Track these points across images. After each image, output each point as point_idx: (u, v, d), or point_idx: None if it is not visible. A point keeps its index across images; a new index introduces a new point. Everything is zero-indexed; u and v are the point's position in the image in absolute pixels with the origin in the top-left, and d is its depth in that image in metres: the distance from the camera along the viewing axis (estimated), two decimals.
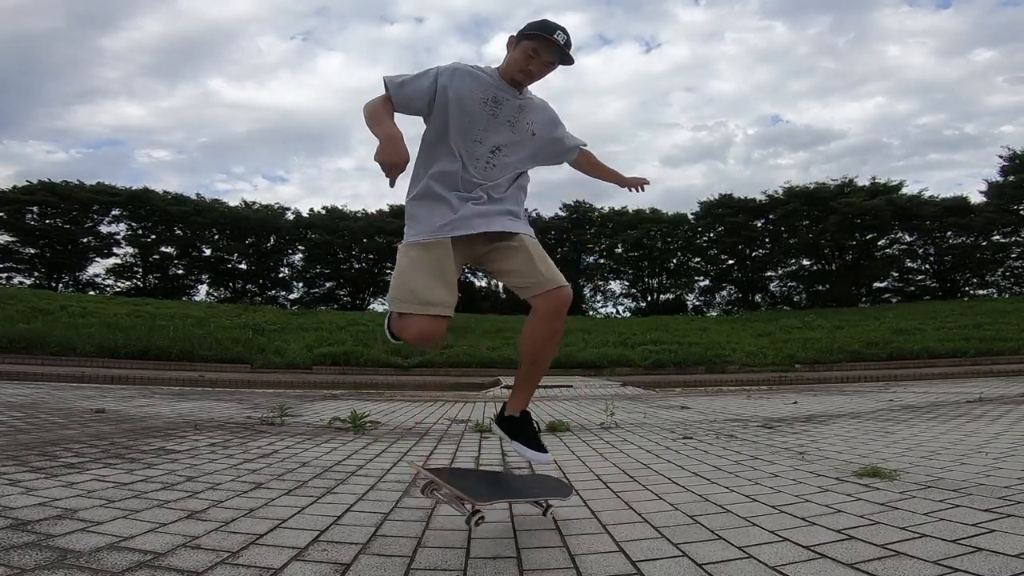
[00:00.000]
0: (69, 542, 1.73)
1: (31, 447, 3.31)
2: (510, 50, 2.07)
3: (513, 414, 1.94)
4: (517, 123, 2.08)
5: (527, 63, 2.00)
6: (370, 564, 1.68)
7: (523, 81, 2.06)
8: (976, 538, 1.78)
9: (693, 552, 1.77)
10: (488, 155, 2.04)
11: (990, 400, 6.35)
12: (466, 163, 2.02)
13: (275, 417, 4.93)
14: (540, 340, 1.95)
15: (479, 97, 2.03)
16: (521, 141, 2.11)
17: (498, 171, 2.06)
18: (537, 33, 1.98)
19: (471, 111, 2.01)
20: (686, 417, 5.58)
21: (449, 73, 2.03)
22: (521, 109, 2.09)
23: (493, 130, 2.04)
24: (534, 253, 2.01)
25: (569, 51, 2.01)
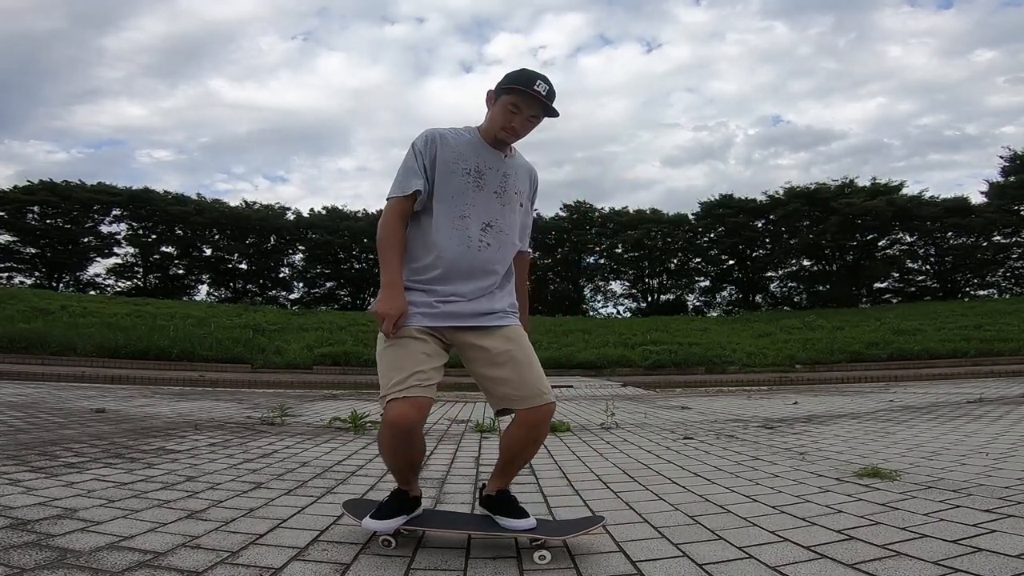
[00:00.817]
0: (69, 542, 1.73)
1: (31, 447, 3.31)
2: (490, 106, 1.87)
3: (491, 494, 1.90)
4: (504, 193, 1.89)
5: (509, 120, 1.82)
6: (370, 564, 1.68)
7: (507, 139, 1.87)
8: (976, 538, 1.78)
9: (693, 552, 1.77)
10: (480, 233, 1.84)
11: (990, 401, 6.35)
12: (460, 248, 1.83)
13: (275, 417, 4.93)
14: (521, 444, 1.84)
15: (460, 168, 1.85)
16: (511, 214, 1.91)
17: (493, 252, 1.86)
18: (514, 87, 1.79)
19: (456, 185, 1.84)
20: (686, 417, 5.57)
21: (426, 144, 1.85)
22: (507, 176, 1.90)
23: (482, 204, 1.86)
24: (521, 359, 1.82)
25: (552, 102, 1.82)
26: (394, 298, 1.78)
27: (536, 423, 1.82)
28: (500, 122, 1.84)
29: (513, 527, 1.81)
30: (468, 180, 1.85)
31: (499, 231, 1.88)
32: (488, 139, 1.89)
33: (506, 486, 1.91)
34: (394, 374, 1.74)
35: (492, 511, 1.88)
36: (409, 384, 1.72)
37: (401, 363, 1.75)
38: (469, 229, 1.84)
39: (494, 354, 1.82)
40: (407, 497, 1.87)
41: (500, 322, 1.86)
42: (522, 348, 1.85)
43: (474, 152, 1.88)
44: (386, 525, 1.80)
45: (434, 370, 1.79)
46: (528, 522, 1.81)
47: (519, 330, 1.91)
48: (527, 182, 2.00)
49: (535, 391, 1.81)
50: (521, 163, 1.99)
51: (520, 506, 1.86)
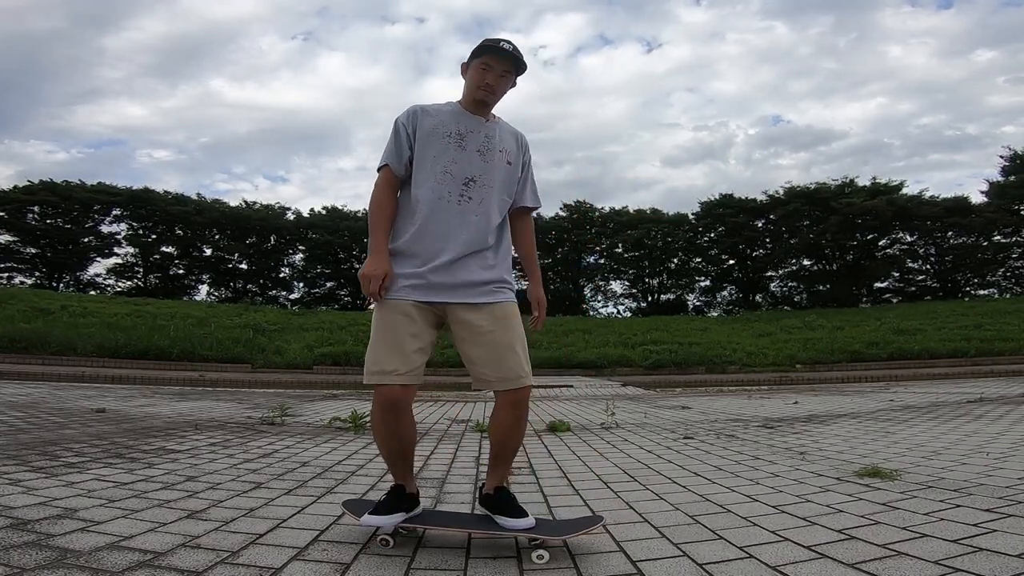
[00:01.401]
0: (69, 541, 1.73)
1: (31, 447, 3.31)
2: (464, 75, 1.99)
3: (489, 492, 1.93)
4: (488, 151, 1.95)
5: (483, 77, 1.92)
6: (370, 564, 1.68)
7: (486, 99, 1.95)
8: (977, 538, 1.78)
9: (694, 552, 1.77)
10: (461, 187, 1.91)
11: (991, 400, 6.35)
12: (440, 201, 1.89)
13: (275, 417, 4.93)
14: (506, 427, 1.90)
15: (441, 132, 1.93)
16: (495, 169, 1.96)
17: (475, 205, 1.91)
18: (483, 47, 1.92)
19: (437, 146, 1.92)
20: (687, 417, 5.57)
21: (408, 116, 1.96)
22: (489, 137, 1.97)
23: (464, 161, 1.92)
24: (502, 342, 1.86)
25: (520, 57, 1.92)
26: (379, 261, 1.86)
27: (514, 402, 1.88)
28: (476, 82, 1.93)
29: (512, 527, 1.82)
30: (449, 141, 1.93)
31: (482, 185, 1.94)
32: (468, 106, 1.98)
33: (502, 482, 1.93)
34: (382, 359, 1.81)
35: (491, 510, 1.88)
36: (396, 373, 1.79)
37: (390, 348, 1.82)
38: (450, 184, 1.91)
39: (478, 332, 1.87)
40: (404, 493, 1.88)
41: (490, 298, 1.90)
42: (505, 329, 1.89)
43: (455, 119, 1.96)
44: (385, 520, 1.81)
45: (420, 352, 1.85)
46: (527, 521, 1.82)
47: (509, 308, 1.94)
48: (513, 142, 2.05)
49: (512, 374, 1.86)
50: (505, 127, 2.05)
51: (519, 505, 1.87)
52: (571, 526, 1.86)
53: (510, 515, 1.83)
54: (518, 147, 2.05)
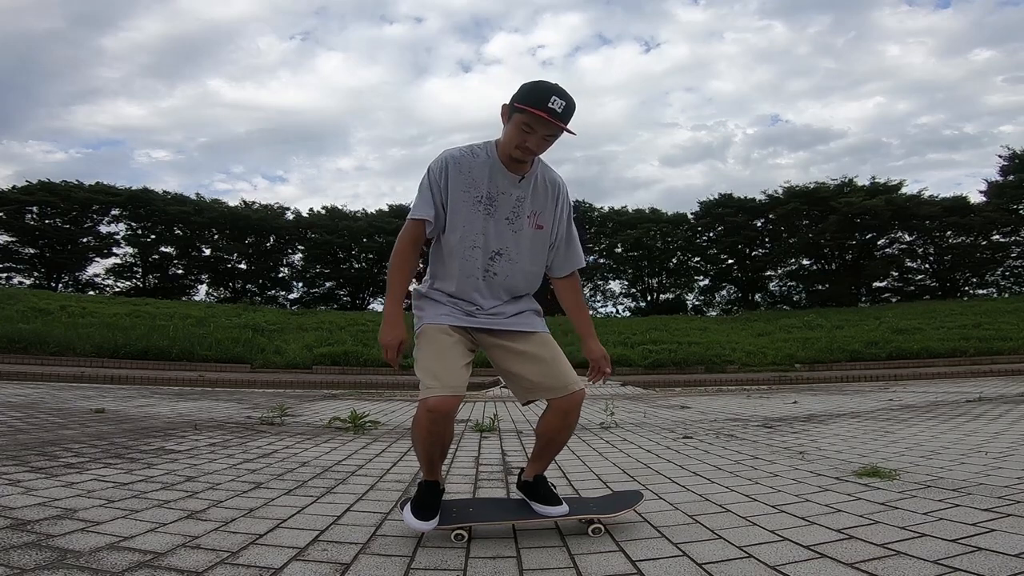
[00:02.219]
0: (69, 542, 1.73)
1: (31, 447, 3.31)
2: (504, 122, 1.80)
3: (528, 480, 2.03)
4: (518, 218, 1.87)
5: (523, 139, 1.74)
6: (370, 564, 1.68)
7: (522, 158, 1.80)
8: (976, 538, 1.78)
9: (693, 551, 1.77)
10: (487, 262, 1.88)
11: (989, 400, 6.35)
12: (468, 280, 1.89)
13: (275, 417, 4.93)
14: (556, 430, 1.95)
15: (472, 195, 1.84)
16: (524, 240, 1.90)
17: (500, 280, 1.90)
18: (525, 108, 1.70)
19: (464, 213, 1.84)
20: (686, 417, 5.58)
21: (441, 170, 1.84)
22: (520, 200, 1.87)
23: (492, 233, 1.86)
24: (547, 357, 1.90)
25: (570, 118, 1.73)
26: (393, 328, 1.88)
27: (568, 410, 1.92)
28: (515, 141, 1.77)
29: (547, 512, 1.95)
30: (479, 209, 1.85)
31: (508, 259, 1.91)
32: (504, 159, 1.84)
33: (543, 471, 2.03)
34: (439, 372, 1.81)
35: (529, 496, 2.01)
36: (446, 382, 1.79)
37: (435, 362, 1.84)
38: (478, 260, 1.88)
39: (521, 354, 1.92)
40: (437, 488, 1.91)
41: (527, 327, 1.95)
42: (547, 346, 1.95)
43: (487, 177, 1.85)
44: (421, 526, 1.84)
45: (465, 368, 1.88)
46: (561, 508, 1.95)
47: (546, 337, 1.98)
48: (545, 199, 1.92)
49: (563, 382, 1.90)
50: (541, 183, 1.92)
51: (555, 493, 1.98)
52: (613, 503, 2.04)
53: (547, 503, 1.96)
54: (554, 203, 1.94)
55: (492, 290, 1.93)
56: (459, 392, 1.82)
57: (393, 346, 1.88)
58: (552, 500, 1.96)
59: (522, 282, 1.97)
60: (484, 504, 2.28)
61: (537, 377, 1.90)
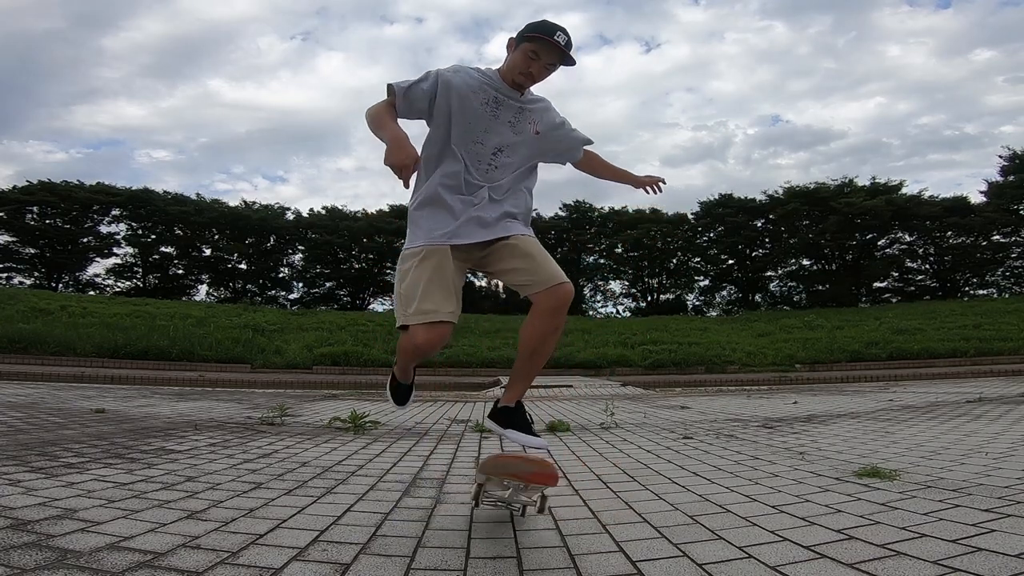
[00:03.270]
0: (69, 542, 1.73)
1: (31, 447, 3.31)
2: (510, 52, 2.05)
3: (508, 405, 1.97)
4: (518, 124, 2.07)
5: (527, 65, 1.97)
6: (370, 564, 1.68)
7: (524, 83, 2.04)
8: (976, 538, 1.78)
9: (693, 552, 1.77)
10: (490, 156, 2.03)
11: (990, 400, 6.35)
12: (468, 165, 2.02)
13: (275, 417, 4.93)
14: (541, 335, 1.95)
15: (480, 97, 2.02)
16: (523, 141, 2.10)
17: (500, 172, 2.06)
18: (536, 35, 1.95)
19: (471, 112, 2.00)
20: (686, 417, 5.58)
21: (450, 73, 2.02)
22: (521, 111, 2.08)
23: (494, 131, 2.03)
24: (533, 250, 2.00)
25: (570, 51, 1.98)
26: (403, 148, 1.83)
27: (554, 308, 1.93)
28: (519, 67, 1.98)
29: (524, 441, 1.91)
30: (486, 109, 2.02)
31: (507, 156, 2.06)
32: (507, 80, 2.04)
33: (522, 395, 2.01)
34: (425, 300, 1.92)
35: (503, 424, 1.95)
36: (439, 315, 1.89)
37: (429, 289, 1.90)
38: (481, 152, 2.02)
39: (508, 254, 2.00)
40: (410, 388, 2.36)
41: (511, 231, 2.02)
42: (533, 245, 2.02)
43: (492, 87, 2.04)
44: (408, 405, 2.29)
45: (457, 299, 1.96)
46: (541, 441, 1.94)
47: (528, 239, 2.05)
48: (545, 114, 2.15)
49: (549, 275, 1.94)
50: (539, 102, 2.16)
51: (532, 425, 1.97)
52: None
53: (527, 432, 1.91)
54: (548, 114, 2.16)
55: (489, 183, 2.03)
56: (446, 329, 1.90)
57: (408, 165, 1.81)
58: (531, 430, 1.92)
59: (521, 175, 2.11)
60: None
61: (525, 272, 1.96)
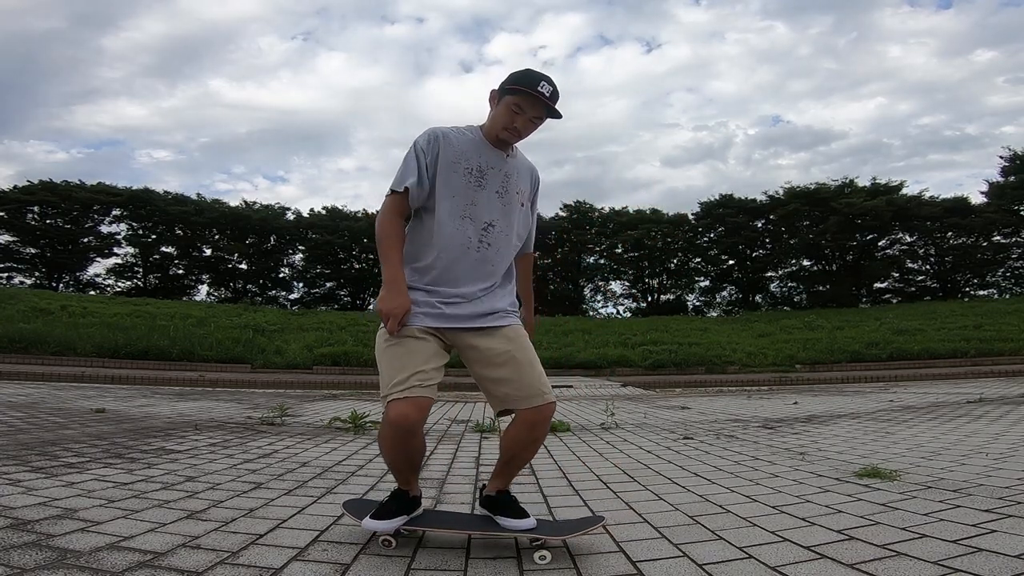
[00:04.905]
0: (69, 542, 1.73)
1: (31, 447, 3.31)
2: (493, 106, 1.88)
3: (491, 494, 1.90)
4: (506, 192, 1.89)
5: (512, 120, 1.82)
6: (370, 564, 1.68)
7: (509, 140, 1.87)
8: (977, 539, 1.78)
9: (693, 552, 1.77)
10: (481, 233, 1.85)
11: (990, 401, 6.35)
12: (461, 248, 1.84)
13: (275, 417, 4.93)
14: (522, 444, 1.84)
15: (462, 165, 1.85)
16: (512, 213, 1.91)
17: (493, 253, 1.87)
18: (519, 88, 1.79)
19: (456, 184, 1.84)
20: (686, 417, 5.57)
21: (428, 142, 1.85)
22: (508, 176, 1.90)
23: (483, 203, 1.85)
24: (521, 360, 1.83)
25: (556, 103, 1.83)
26: (397, 295, 1.78)
27: (536, 422, 1.82)
28: (503, 122, 1.83)
29: (514, 527, 1.81)
30: (470, 180, 1.85)
31: (499, 232, 1.88)
32: (491, 139, 1.89)
33: (506, 487, 1.91)
34: (396, 373, 1.75)
35: (492, 511, 1.88)
36: (410, 384, 1.73)
37: (403, 362, 1.76)
38: (469, 230, 1.84)
39: (494, 354, 1.83)
40: (407, 497, 1.87)
41: (500, 322, 1.87)
42: (522, 348, 1.86)
43: (476, 151, 1.87)
44: (386, 525, 1.80)
45: (435, 370, 1.79)
46: (528, 522, 1.81)
47: (519, 329, 1.91)
48: (528, 182, 1.99)
49: (535, 391, 1.81)
50: (523, 163, 1.99)
51: (520, 506, 1.86)
52: (572, 526, 1.86)
53: (512, 516, 1.82)
54: (531, 187, 2.02)
55: (481, 266, 1.86)
56: (423, 402, 1.73)
57: (397, 315, 1.76)
58: (518, 512, 1.82)
59: (510, 255, 1.94)
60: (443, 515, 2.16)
61: (509, 383, 1.81)
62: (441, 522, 1.98)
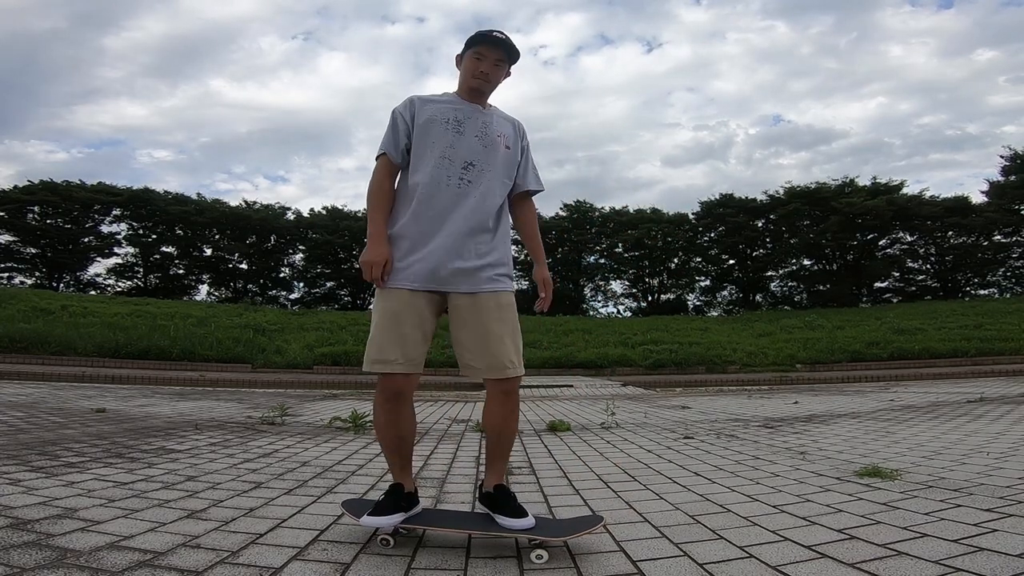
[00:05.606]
0: (69, 541, 1.73)
1: (32, 447, 3.31)
2: (459, 66, 2.05)
3: (489, 491, 1.92)
4: (486, 135, 1.99)
5: (477, 66, 1.97)
6: (370, 564, 1.68)
7: (481, 87, 2.00)
8: (977, 538, 1.78)
9: (694, 552, 1.77)
10: (461, 171, 1.93)
11: (991, 400, 6.34)
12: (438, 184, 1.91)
13: (275, 417, 4.93)
14: (500, 417, 1.92)
15: (439, 119, 1.97)
16: (495, 154, 1.99)
17: (474, 188, 1.93)
18: (477, 39, 1.98)
19: (435, 133, 1.95)
20: (687, 417, 5.57)
21: (405, 106, 2.01)
22: (487, 123, 2.01)
23: (462, 146, 1.95)
24: (493, 330, 1.88)
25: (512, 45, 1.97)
26: (379, 247, 1.90)
27: (504, 392, 1.90)
28: (471, 71, 1.99)
29: (512, 526, 1.81)
30: (447, 128, 1.96)
31: (481, 170, 1.96)
32: (464, 95, 2.03)
33: (502, 479, 1.93)
34: (385, 348, 1.84)
35: (491, 508, 1.88)
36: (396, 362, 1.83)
37: (392, 337, 1.85)
38: (448, 168, 1.93)
39: (472, 318, 1.90)
40: (403, 492, 1.89)
41: (489, 286, 1.92)
42: (501, 320, 1.91)
43: (452, 108, 2.00)
44: (385, 521, 1.81)
45: (422, 341, 1.89)
46: (527, 521, 1.81)
47: (504, 298, 1.95)
48: (510, 127, 2.09)
49: (498, 363, 1.88)
50: (502, 114, 2.10)
51: (519, 505, 1.86)
52: (571, 526, 1.86)
53: (510, 514, 1.82)
54: (515, 133, 2.10)
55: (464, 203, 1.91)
56: (409, 370, 1.84)
57: (379, 263, 1.88)
58: (516, 511, 1.83)
59: (496, 192, 1.98)
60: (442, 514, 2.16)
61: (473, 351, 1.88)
62: (439, 521, 1.98)
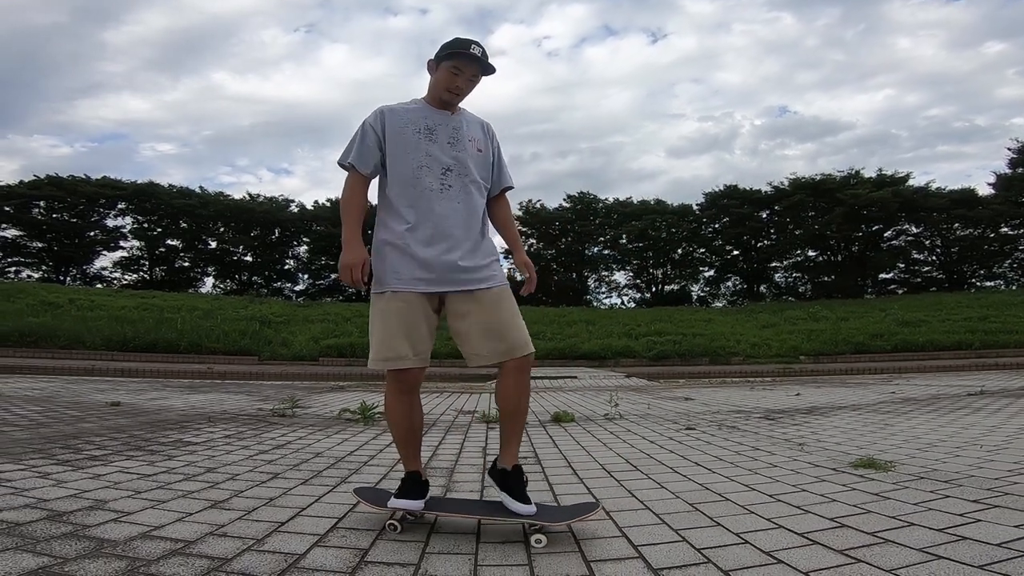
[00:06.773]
0: (104, 532, 1.84)
1: (55, 440, 3.43)
2: (432, 72, 2.07)
3: (505, 467, 1.99)
4: (458, 141, 2.05)
5: (452, 81, 2.01)
6: (387, 549, 1.79)
7: (452, 100, 2.06)
8: (962, 527, 1.87)
9: (693, 537, 1.86)
10: (440, 178, 2.00)
11: (991, 393, 6.41)
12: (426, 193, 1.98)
13: (286, 409, 5.05)
14: (514, 395, 1.99)
15: (411, 129, 2.02)
16: (468, 156, 2.06)
17: (456, 192, 2.01)
18: (455, 51, 1.99)
19: (410, 143, 2.01)
20: (689, 408, 5.66)
21: (376, 117, 2.05)
22: (457, 128, 2.07)
23: (437, 152, 2.01)
24: (504, 318, 1.98)
25: (488, 63, 2.01)
26: (355, 250, 1.98)
27: (520, 368, 1.97)
28: (444, 84, 2.03)
29: (515, 510, 1.92)
30: (420, 136, 2.02)
31: (458, 174, 2.03)
32: (434, 103, 2.08)
33: (517, 459, 2.02)
34: (394, 344, 1.94)
35: (501, 486, 1.98)
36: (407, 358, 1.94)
37: (399, 334, 1.94)
38: (429, 177, 2.00)
39: (479, 315, 1.98)
40: (420, 479, 2.02)
41: (484, 284, 2.01)
42: (505, 307, 2.00)
43: (422, 116, 2.06)
44: (412, 504, 1.96)
45: (428, 336, 1.99)
46: (529, 508, 1.92)
47: (503, 291, 2.04)
48: (480, 130, 2.15)
49: (518, 343, 1.97)
50: (471, 117, 2.16)
51: (526, 492, 1.97)
52: (570, 512, 1.96)
53: (517, 498, 1.93)
54: (486, 135, 2.16)
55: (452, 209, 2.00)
56: (419, 364, 1.95)
57: (357, 264, 1.96)
58: (523, 497, 1.93)
59: (475, 193, 2.06)
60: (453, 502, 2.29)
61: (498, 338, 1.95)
62: (449, 508, 2.09)
